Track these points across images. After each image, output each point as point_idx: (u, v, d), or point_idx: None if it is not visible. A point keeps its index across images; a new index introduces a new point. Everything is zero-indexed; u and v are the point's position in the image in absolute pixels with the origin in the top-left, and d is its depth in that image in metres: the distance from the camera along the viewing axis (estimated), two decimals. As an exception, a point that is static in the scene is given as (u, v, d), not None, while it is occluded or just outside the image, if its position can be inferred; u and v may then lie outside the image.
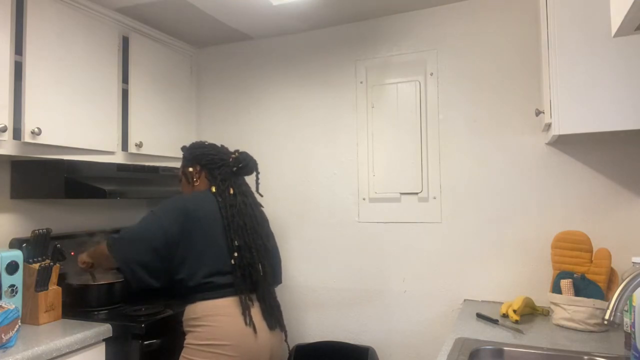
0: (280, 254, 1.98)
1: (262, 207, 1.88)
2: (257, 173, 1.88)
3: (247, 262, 1.64)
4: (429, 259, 2.19)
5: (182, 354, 1.61)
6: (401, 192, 2.25)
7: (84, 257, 1.87)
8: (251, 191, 1.84)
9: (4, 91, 1.67)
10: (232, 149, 1.88)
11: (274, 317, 1.68)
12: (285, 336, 1.77)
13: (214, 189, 1.73)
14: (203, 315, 1.58)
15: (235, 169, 1.78)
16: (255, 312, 1.63)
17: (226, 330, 1.56)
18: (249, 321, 1.58)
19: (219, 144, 1.90)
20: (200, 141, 1.88)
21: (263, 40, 2.61)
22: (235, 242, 1.64)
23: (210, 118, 2.72)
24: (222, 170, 1.77)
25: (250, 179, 1.89)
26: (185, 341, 1.62)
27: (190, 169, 1.81)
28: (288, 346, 1.82)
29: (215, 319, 1.57)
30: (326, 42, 2.46)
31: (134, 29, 2.27)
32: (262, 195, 1.91)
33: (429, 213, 2.20)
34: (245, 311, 1.59)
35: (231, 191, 1.73)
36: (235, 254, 1.63)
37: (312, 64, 2.48)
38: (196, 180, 1.81)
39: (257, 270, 1.65)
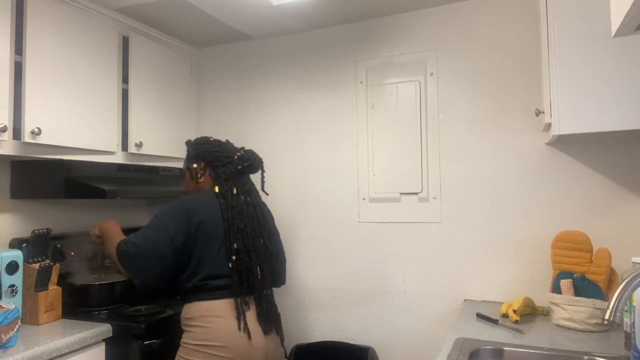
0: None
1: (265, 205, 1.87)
2: (263, 171, 1.85)
3: (245, 266, 1.62)
4: (429, 259, 2.19)
5: (178, 352, 1.62)
6: (401, 192, 2.26)
7: (96, 230, 1.82)
8: (256, 189, 1.81)
9: (4, 91, 1.67)
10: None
11: (269, 321, 1.66)
12: (282, 340, 1.75)
13: (217, 189, 1.71)
14: (198, 316, 1.58)
15: (240, 167, 1.75)
16: (251, 315, 1.62)
17: (220, 332, 1.55)
18: (243, 326, 1.57)
19: (223, 139, 1.87)
20: (205, 137, 1.85)
21: (263, 40, 2.61)
22: (235, 245, 1.62)
23: (210, 118, 2.72)
24: (226, 169, 1.74)
25: (255, 177, 1.87)
26: (182, 340, 1.62)
27: (195, 166, 1.79)
28: (285, 350, 1.81)
29: (209, 320, 1.57)
30: (326, 42, 2.46)
31: (134, 29, 2.27)
32: (267, 194, 1.90)
33: (429, 213, 2.20)
34: (240, 316, 1.58)
35: (234, 191, 1.70)
36: (234, 257, 1.62)
37: (312, 64, 2.48)
38: (200, 177, 1.78)
39: (254, 274, 1.64)
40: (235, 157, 1.77)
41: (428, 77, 2.23)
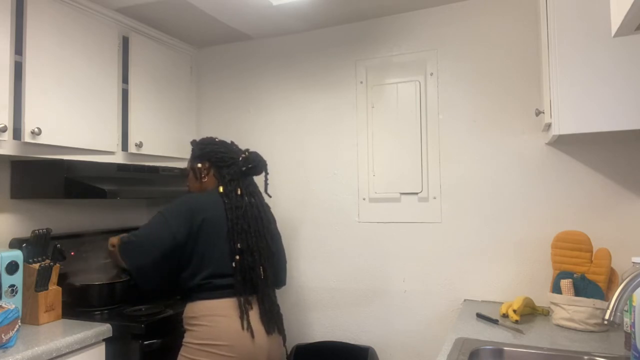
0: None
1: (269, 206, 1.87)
2: (266, 174, 1.86)
3: (249, 266, 1.63)
4: (428, 259, 2.19)
5: (180, 352, 1.62)
6: (401, 192, 2.25)
7: (114, 240, 1.79)
8: (259, 191, 1.82)
9: (4, 91, 1.67)
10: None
11: (272, 321, 1.67)
12: (284, 340, 1.76)
13: (221, 189, 1.71)
14: (201, 315, 1.59)
15: (244, 169, 1.77)
16: (254, 315, 1.63)
17: (223, 331, 1.56)
18: (246, 325, 1.58)
19: (229, 140, 1.88)
20: (211, 137, 1.86)
21: (263, 40, 2.61)
22: (238, 244, 1.63)
23: (210, 118, 2.72)
24: (231, 170, 1.76)
25: (258, 179, 1.87)
26: (184, 339, 1.62)
27: (199, 165, 1.80)
28: (286, 350, 1.81)
29: (212, 319, 1.57)
30: (326, 42, 2.45)
31: (134, 29, 2.27)
32: (270, 196, 1.90)
33: (429, 213, 2.20)
34: (243, 315, 1.59)
35: (238, 192, 1.71)
36: (237, 257, 1.62)
37: (312, 64, 2.48)
38: (204, 177, 1.79)
39: (257, 274, 1.65)
40: (240, 158, 1.79)
41: (428, 77, 2.23)
